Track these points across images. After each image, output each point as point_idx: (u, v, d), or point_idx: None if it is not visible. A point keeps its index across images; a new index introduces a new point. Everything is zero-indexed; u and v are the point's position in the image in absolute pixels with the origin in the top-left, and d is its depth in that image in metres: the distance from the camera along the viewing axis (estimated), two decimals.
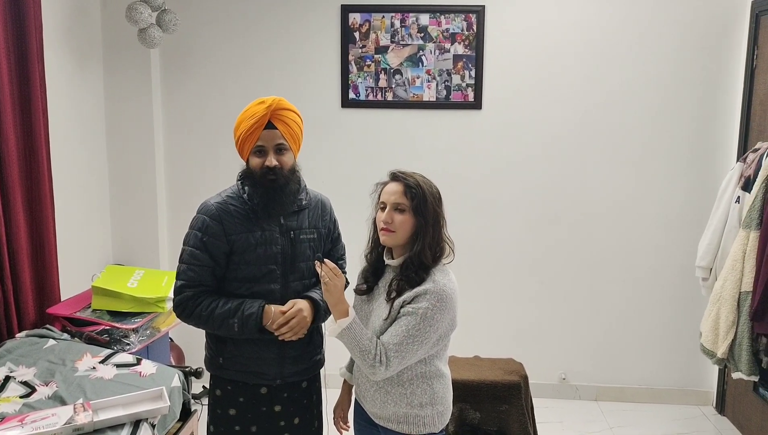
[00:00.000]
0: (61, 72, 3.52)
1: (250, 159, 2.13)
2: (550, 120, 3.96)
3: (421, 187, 2.00)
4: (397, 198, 2.00)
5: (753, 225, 3.09)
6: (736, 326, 3.15)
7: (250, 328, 2.08)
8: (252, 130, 2.07)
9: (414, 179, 2.02)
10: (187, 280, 2.12)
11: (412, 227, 2.00)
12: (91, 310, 3.17)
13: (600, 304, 4.10)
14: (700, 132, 3.90)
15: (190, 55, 4.05)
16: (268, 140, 2.09)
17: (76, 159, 3.69)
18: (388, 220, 2.00)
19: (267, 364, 2.17)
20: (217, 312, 2.09)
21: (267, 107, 2.07)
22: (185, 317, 2.15)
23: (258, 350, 2.16)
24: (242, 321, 2.07)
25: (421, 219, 1.99)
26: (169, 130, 4.13)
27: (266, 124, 2.08)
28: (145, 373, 2.70)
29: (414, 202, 1.99)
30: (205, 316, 2.10)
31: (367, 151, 4.04)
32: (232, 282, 2.14)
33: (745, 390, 3.71)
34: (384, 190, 2.05)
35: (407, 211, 1.99)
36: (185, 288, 2.12)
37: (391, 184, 2.04)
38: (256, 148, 2.10)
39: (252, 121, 2.07)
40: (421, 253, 1.99)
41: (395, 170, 2.06)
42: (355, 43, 3.96)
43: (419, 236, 2.00)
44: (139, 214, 4.08)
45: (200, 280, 2.12)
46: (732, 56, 3.80)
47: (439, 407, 2.05)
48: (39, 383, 2.55)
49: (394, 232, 2.00)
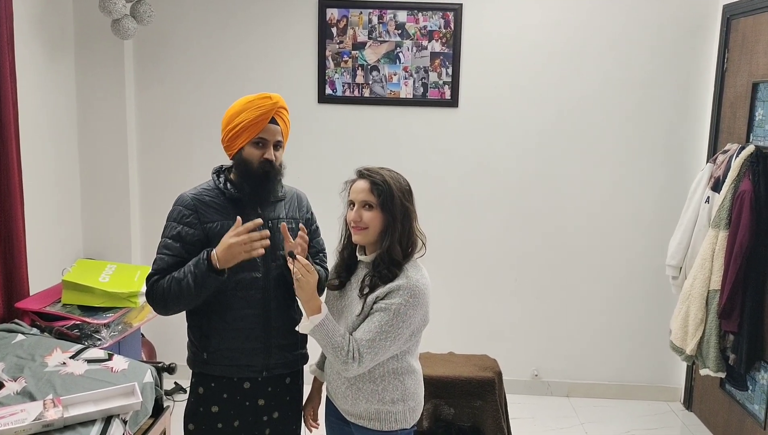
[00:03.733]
0: (32, 63, 3.45)
1: (245, 149, 2.13)
2: (526, 119, 3.99)
3: (388, 183, 2.00)
4: (365, 195, 2.00)
5: (722, 225, 3.16)
6: (705, 324, 3.22)
7: (207, 277, 2.02)
8: (256, 122, 2.09)
9: (380, 175, 2.01)
10: (156, 270, 2.13)
11: (381, 223, 2.00)
12: (62, 305, 3.11)
13: (573, 301, 4.15)
14: (671, 133, 3.97)
15: (165, 48, 4.00)
16: (270, 134, 2.13)
17: (46, 151, 3.62)
18: (356, 218, 2.00)
19: (254, 355, 2.17)
20: (176, 279, 2.06)
21: (273, 103, 2.11)
22: (156, 302, 2.13)
23: (244, 341, 2.15)
24: (195, 273, 2.02)
25: (388, 215, 2.00)
26: (142, 123, 4.07)
27: (270, 119, 2.12)
28: (116, 368, 2.66)
29: (381, 198, 1.99)
30: (169, 291, 2.07)
31: (344, 147, 4.04)
32: None
33: (711, 386, 3.79)
34: (352, 188, 2.05)
35: (375, 208, 1.99)
36: (153, 276, 2.13)
37: (358, 181, 2.04)
38: (257, 139, 2.12)
39: (258, 112, 2.09)
40: (390, 248, 1.99)
41: (361, 168, 2.06)
42: (332, 38, 3.94)
43: (388, 232, 2.00)
44: (110, 208, 4.02)
45: (169, 269, 2.11)
46: (703, 59, 3.87)
47: (411, 403, 2.06)
48: (7, 379, 2.50)
49: (365, 228, 2.00)
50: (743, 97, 3.52)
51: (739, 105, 3.56)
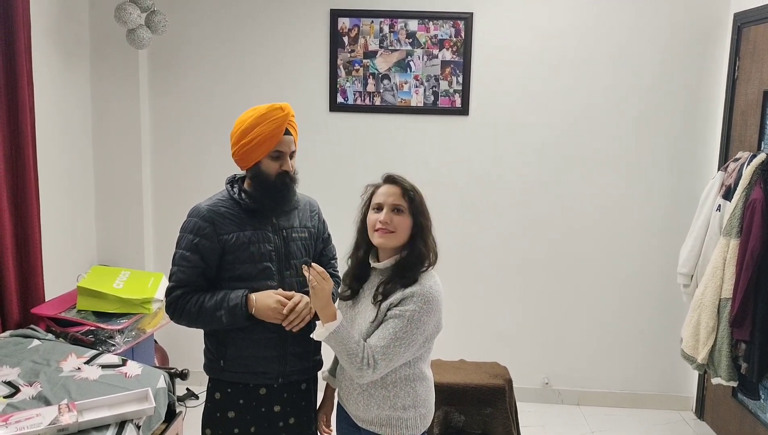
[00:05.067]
0: (49, 71, 3.51)
1: (263, 162, 2.15)
2: (536, 126, 4.00)
3: (416, 191, 2.06)
4: (396, 199, 2.02)
5: (733, 233, 3.16)
6: (716, 332, 3.21)
7: (238, 317, 2.10)
8: (272, 136, 2.11)
9: (409, 183, 2.07)
10: (177, 282, 2.15)
11: (409, 228, 2.03)
12: (76, 311, 3.15)
13: (583, 309, 4.15)
14: (682, 140, 3.96)
15: (179, 57, 4.05)
16: (286, 146, 2.15)
17: (62, 158, 3.68)
18: (387, 220, 2.01)
19: (270, 363, 2.19)
20: (205, 307, 2.11)
21: (286, 114, 2.12)
22: (177, 317, 2.16)
23: (260, 350, 2.17)
24: (228, 311, 2.09)
25: (421, 220, 2.03)
26: (156, 130, 4.12)
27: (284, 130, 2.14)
28: (130, 374, 2.70)
29: (413, 204, 2.03)
30: (194, 312, 2.12)
31: (355, 155, 4.06)
32: (230, 281, 2.16)
33: (724, 395, 3.77)
34: (379, 191, 2.06)
35: (405, 212, 2.02)
36: (175, 289, 2.15)
37: (387, 186, 2.06)
38: (274, 152, 2.13)
39: (273, 126, 2.10)
40: (422, 252, 2.02)
41: (390, 173, 2.09)
42: (343, 47, 3.98)
43: (419, 236, 2.03)
44: (124, 215, 4.07)
45: (189, 281, 2.14)
46: (714, 67, 3.87)
47: (422, 410, 2.07)
48: (23, 383, 2.54)
49: (394, 232, 2.01)
50: (754, 105, 3.51)
51: (750, 113, 3.56)
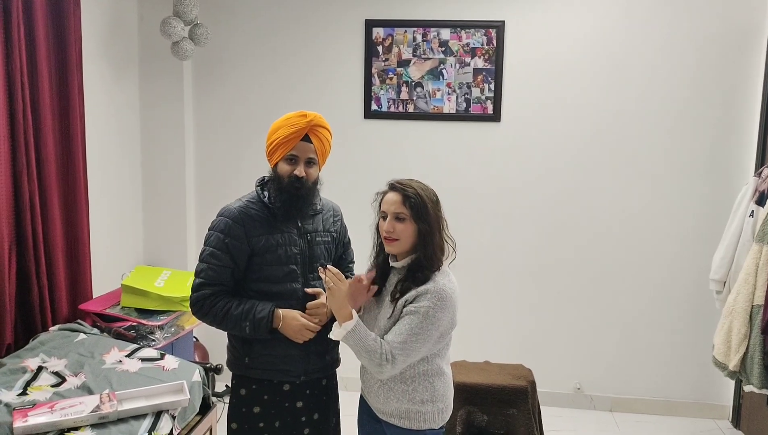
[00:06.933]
0: (101, 81, 3.72)
1: (279, 165, 2.23)
2: (567, 132, 4.02)
3: (420, 195, 2.10)
4: (397, 207, 2.10)
5: (766, 239, 3.11)
6: (749, 339, 3.16)
7: (261, 330, 2.19)
8: (289, 139, 2.19)
9: (412, 188, 2.11)
10: (207, 279, 2.22)
11: (414, 234, 2.10)
12: (120, 307, 3.33)
13: (615, 314, 4.13)
14: (717, 148, 3.92)
15: (220, 66, 4.23)
16: (302, 151, 2.21)
17: (111, 163, 3.87)
18: (390, 229, 2.10)
19: (294, 361, 2.27)
20: (231, 313, 2.19)
21: (308, 121, 2.19)
22: (201, 315, 2.25)
23: (285, 348, 2.25)
24: (254, 324, 2.18)
25: (425, 225, 2.09)
26: (198, 136, 4.30)
27: (303, 137, 2.20)
28: (167, 367, 2.84)
29: (414, 210, 2.08)
30: (219, 316, 2.21)
31: (388, 161, 4.15)
32: (256, 282, 2.24)
33: (759, 404, 3.71)
34: (384, 199, 2.14)
35: (407, 220, 2.09)
36: (204, 286, 2.22)
37: (390, 193, 2.13)
38: (288, 155, 2.21)
39: (291, 130, 2.18)
40: (432, 254, 2.09)
41: (393, 180, 2.16)
42: (378, 56, 4.08)
43: (426, 240, 2.09)
44: (169, 217, 4.24)
45: (219, 280, 2.22)
46: (750, 72, 3.82)
47: (440, 404, 2.14)
48: (69, 374, 2.70)
49: (397, 239, 2.10)
50: None
51: None
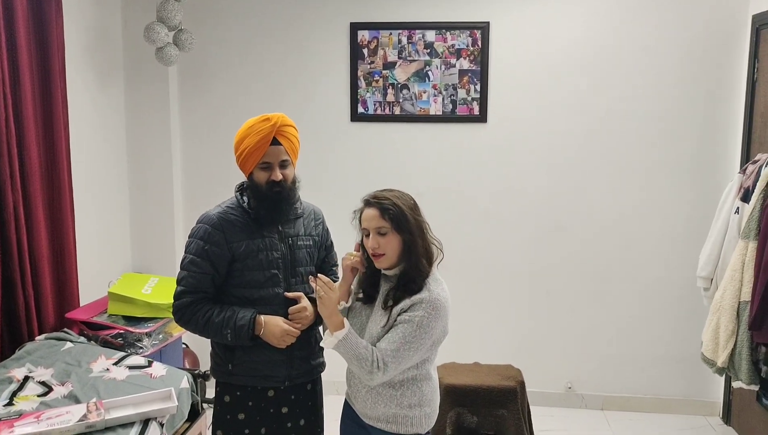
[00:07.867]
0: (85, 88, 3.71)
1: (254, 173, 2.22)
2: (554, 133, 4.03)
3: (397, 205, 2.06)
4: (377, 222, 2.06)
5: (751, 235, 3.12)
6: (736, 335, 3.17)
7: (243, 337, 2.18)
8: (258, 147, 2.17)
9: (387, 199, 2.07)
10: (187, 286, 2.21)
11: (399, 245, 2.07)
12: (107, 315, 3.32)
13: (606, 313, 4.14)
14: (703, 145, 3.94)
15: (206, 71, 4.21)
16: (274, 156, 2.19)
17: (97, 171, 3.86)
18: (375, 245, 2.07)
19: (277, 366, 2.26)
20: (212, 321, 2.18)
21: (272, 125, 2.16)
22: (183, 323, 2.24)
23: (268, 353, 2.24)
24: (235, 331, 2.17)
25: (406, 235, 2.06)
26: (185, 141, 4.29)
27: (272, 141, 2.17)
28: (155, 374, 2.83)
29: (394, 221, 2.05)
30: (201, 324, 2.20)
31: (376, 164, 4.15)
32: (238, 288, 2.23)
33: (749, 400, 3.72)
34: (362, 217, 2.11)
35: (390, 232, 2.06)
36: (185, 294, 2.22)
37: (367, 210, 2.10)
38: (262, 164, 2.19)
39: (258, 137, 2.16)
40: (418, 263, 2.07)
41: (367, 196, 2.12)
42: (363, 59, 4.08)
43: (411, 249, 2.07)
44: (156, 224, 4.23)
45: (200, 287, 2.21)
46: (733, 70, 3.84)
47: (427, 409, 2.13)
48: (56, 383, 2.69)
49: (384, 254, 2.08)
50: None
51: None
